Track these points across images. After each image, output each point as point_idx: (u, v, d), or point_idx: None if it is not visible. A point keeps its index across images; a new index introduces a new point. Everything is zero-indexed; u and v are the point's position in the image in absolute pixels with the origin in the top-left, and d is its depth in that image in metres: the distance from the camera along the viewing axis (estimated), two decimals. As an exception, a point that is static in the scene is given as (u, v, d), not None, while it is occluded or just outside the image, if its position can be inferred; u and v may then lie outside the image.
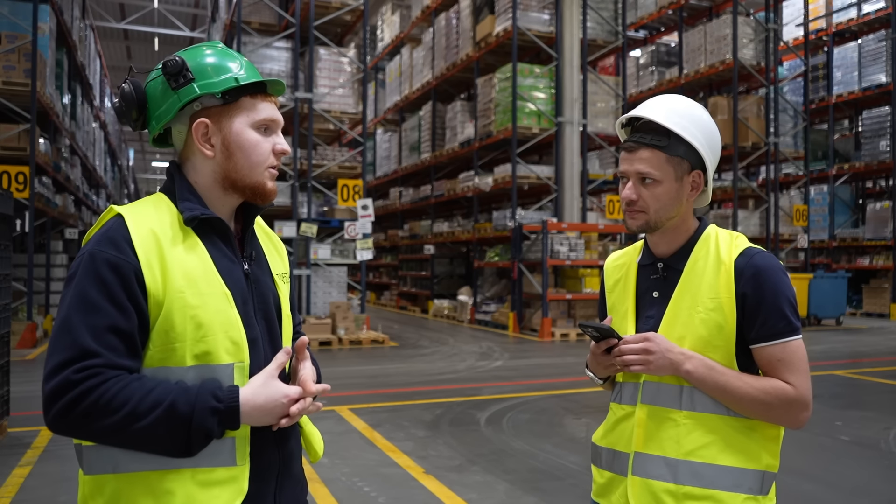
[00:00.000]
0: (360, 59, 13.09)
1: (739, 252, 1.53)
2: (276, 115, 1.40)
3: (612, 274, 1.75)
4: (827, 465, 4.81)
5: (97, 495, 1.26)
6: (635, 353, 1.49)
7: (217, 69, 1.36)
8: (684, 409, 1.52)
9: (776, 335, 1.49)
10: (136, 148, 46.81)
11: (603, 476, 1.65)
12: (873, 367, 9.13)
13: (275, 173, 1.41)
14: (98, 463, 1.26)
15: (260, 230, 1.52)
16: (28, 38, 10.28)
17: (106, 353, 1.20)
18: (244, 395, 1.26)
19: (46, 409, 1.20)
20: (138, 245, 1.26)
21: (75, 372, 1.18)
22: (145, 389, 1.20)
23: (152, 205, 1.35)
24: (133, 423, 1.19)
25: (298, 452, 1.47)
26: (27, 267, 10.52)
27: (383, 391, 7.31)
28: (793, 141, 16.27)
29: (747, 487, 1.49)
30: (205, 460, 1.26)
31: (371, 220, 11.60)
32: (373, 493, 4.13)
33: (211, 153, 1.36)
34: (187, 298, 1.26)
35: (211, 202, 1.38)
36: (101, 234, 1.28)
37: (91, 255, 1.25)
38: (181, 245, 1.30)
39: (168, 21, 24.64)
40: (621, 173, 1.60)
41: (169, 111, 1.35)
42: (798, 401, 1.48)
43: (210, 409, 1.22)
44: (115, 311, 1.22)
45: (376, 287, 23.11)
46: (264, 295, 1.41)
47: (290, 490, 1.42)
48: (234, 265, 1.37)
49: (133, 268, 1.24)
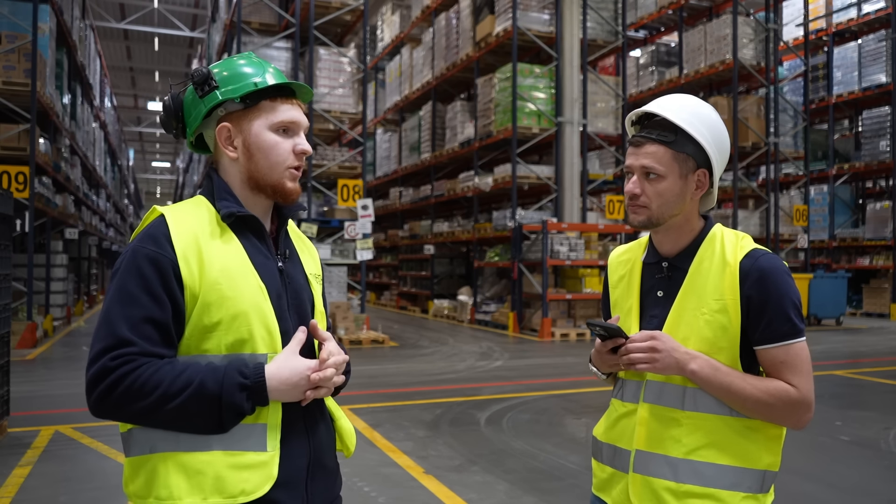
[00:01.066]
0: (360, 59, 13.09)
1: (745, 253, 1.53)
2: (297, 117, 1.46)
3: (617, 269, 1.74)
4: (827, 465, 4.81)
5: (136, 476, 1.34)
6: (642, 352, 1.50)
7: (239, 76, 1.44)
8: (687, 409, 1.52)
9: (780, 337, 1.49)
10: (136, 148, 46.80)
11: (604, 471, 1.65)
12: (873, 367, 9.14)
13: (296, 174, 1.46)
14: (137, 446, 1.34)
15: (293, 233, 1.59)
16: (28, 38, 10.28)
17: (140, 341, 1.29)
18: (269, 371, 1.32)
19: (88, 395, 1.29)
20: (176, 241, 1.34)
21: (112, 359, 1.27)
22: (176, 372, 1.28)
23: (192, 205, 1.44)
24: (166, 403, 1.26)
25: (330, 444, 1.51)
26: (27, 267, 10.52)
27: (383, 391, 7.31)
28: (793, 141, 16.27)
29: (747, 486, 1.50)
30: (236, 444, 1.32)
31: (371, 220, 11.60)
32: (373, 493, 4.13)
33: (235, 155, 1.44)
34: (223, 290, 1.34)
35: (245, 201, 1.45)
36: (144, 231, 1.37)
37: (133, 251, 1.34)
38: (218, 240, 1.38)
39: (168, 21, 24.64)
40: (627, 168, 1.60)
41: (197, 118, 1.45)
42: (801, 402, 1.49)
43: (238, 385, 1.28)
44: (151, 303, 1.30)
45: (376, 287, 23.11)
46: (297, 292, 1.48)
47: (322, 480, 1.46)
48: (268, 261, 1.44)
49: (170, 262, 1.32)
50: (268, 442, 1.34)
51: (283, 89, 1.46)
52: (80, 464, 4.71)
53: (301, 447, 1.41)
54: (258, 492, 1.32)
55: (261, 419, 1.34)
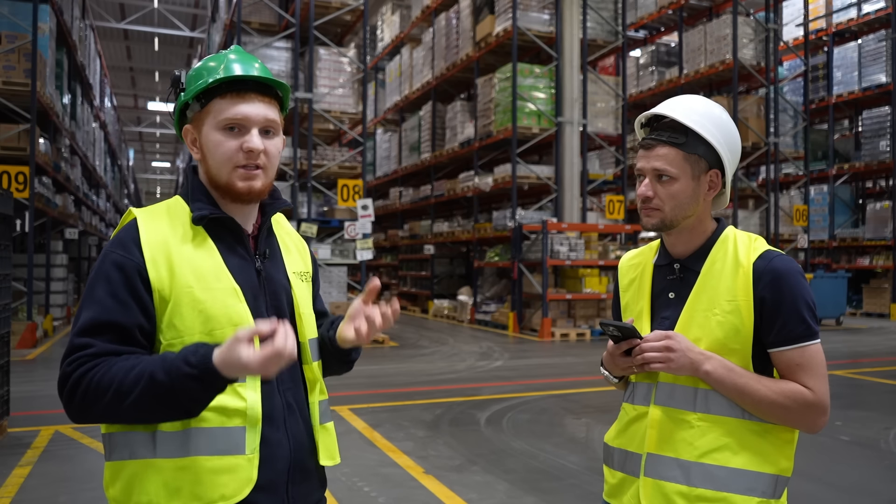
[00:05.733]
0: (360, 59, 13.08)
1: (758, 255, 1.52)
2: (245, 113, 1.38)
3: (627, 273, 1.73)
4: (827, 465, 4.81)
5: (115, 481, 1.33)
6: (657, 351, 1.48)
7: (198, 76, 1.41)
8: (699, 410, 1.51)
9: (795, 339, 1.48)
10: (136, 148, 46.80)
11: (615, 476, 1.63)
12: (873, 367, 9.14)
13: (247, 173, 1.39)
14: (117, 450, 1.33)
15: (281, 230, 1.56)
16: (28, 38, 10.28)
17: (98, 343, 1.29)
18: (218, 355, 1.23)
19: (61, 401, 1.30)
20: (145, 245, 1.34)
21: (68, 364, 1.28)
22: (128, 367, 1.26)
23: (166, 206, 1.43)
24: (122, 400, 1.24)
25: (312, 447, 1.47)
26: (27, 267, 10.52)
27: (383, 391, 7.31)
28: (793, 141, 16.27)
29: (760, 491, 1.48)
30: (214, 448, 1.31)
31: (371, 220, 11.60)
32: (373, 493, 4.13)
33: (198, 156, 1.44)
34: (195, 293, 1.33)
35: (219, 201, 1.44)
36: (116, 236, 1.38)
37: (103, 256, 1.35)
38: (190, 243, 1.37)
39: (168, 21, 24.63)
40: (638, 171, 1.59)
41: (175, 121, 1.48)
42: (816, 405, 1.48)
43: (185, 375, 1.23)
44: (115, 306, 1.30)
45: (376, 287, 23.07)
46: (276, 292, 1.46)
47: (303, 483, 1.44)
48: (245, 262, 1.42)
49: (136, 266, 1.32)
50: (247, 445, 1.32)
51: (241, 84, 1.39)
52: (80, 464, 4.72)
53: (281, 450, 1.38)
54: (237, 496, 1.31)
55: (237, 421, 1.32)
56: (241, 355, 1.19)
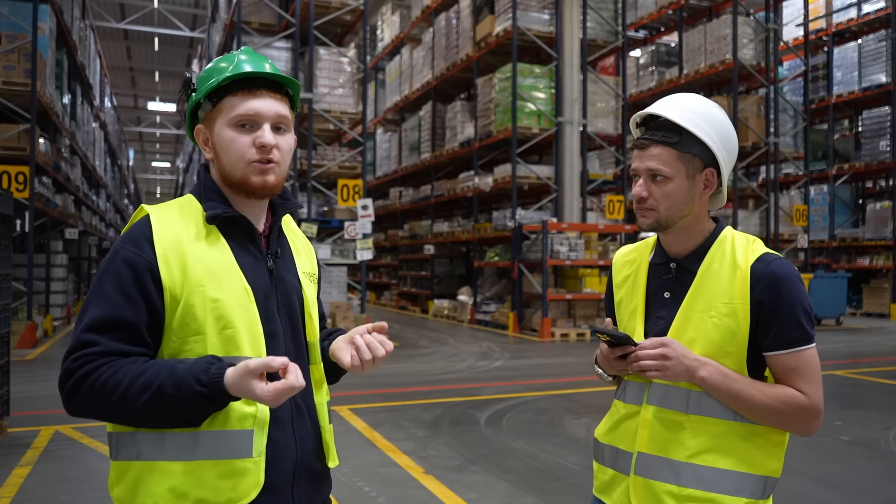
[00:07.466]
0: (360, 59, 13.09)
1: (756, 257, 1.51)
2: (257, 108, 1.39)
3: (622, 269, 1.72)
4: (827, 465, 4.81)
5: (121, 481, 1.33)
6: (652, 359, 1.47)
7: (209, 76, 1.42)
8: (691, 412, 1.51)
9: (791, 344, 1.47)
10: (136, 148, 46.79)
11: (605, 473, 1.63)
12: (873, 367, 9.13)
13: (262, 167, 1.39)
14: (123, 450, 1.32)
15: (290, 231, 1.56)
16: (28, 38, 10.28)
17: (105, 341, 1.27)
18: (229, 380, 1.23)
19: (61, 395, 1.29)
20: (158, 242, 1.32)
21: (73, 361, 1.27)
22: (136, 373, 1.25)
23: (179, 205, 1.42)
24: (128, 405, 1.24)
25: (319, 448, 1.47)
26: (27, 267, 10.52)
27: (383, 391, 7.31)
28: (793, 141, 16.27)
29: (749, 492, 1.49)
30: (222, 451, 1.30)
31: (371, 220, 11.60)
32: (373, 493, 4.13)
33: (211, 155, 1.44)
34: (207, 292, 1.32)
35: (231, 199, 1.43)
36: (128, 232, 1.36)
37: (114, 252, 1.33)
38: (203, 242, 1.36)
39: (168, 21, 24.64)
40: (633, 171, 1.58)
41: (186, 122, 1.48)
42: (810, 409, 1.48)
43: (195, 393, 1.23)
44: (123, 303, 1.29)
45: (376, 287, 23.10)
46: (288, 292, 1.46)
47: (309, 485, 1.44)
48: (257, 262, 1.42)
49: (148, 264, 1.31)
50: (254, 447, 1.32)
51: (252, 81, 1.40)
52: (80, 464, 4.72)
53: (288, 451, 1.38)
54: (245, 499, 1.30)
55: (247, 424, 1.32)
56: (254, 390, 1.22)
